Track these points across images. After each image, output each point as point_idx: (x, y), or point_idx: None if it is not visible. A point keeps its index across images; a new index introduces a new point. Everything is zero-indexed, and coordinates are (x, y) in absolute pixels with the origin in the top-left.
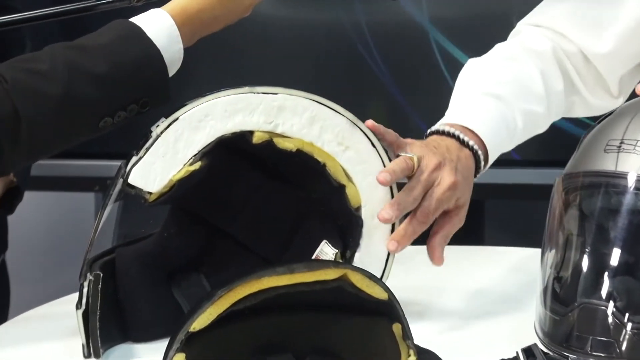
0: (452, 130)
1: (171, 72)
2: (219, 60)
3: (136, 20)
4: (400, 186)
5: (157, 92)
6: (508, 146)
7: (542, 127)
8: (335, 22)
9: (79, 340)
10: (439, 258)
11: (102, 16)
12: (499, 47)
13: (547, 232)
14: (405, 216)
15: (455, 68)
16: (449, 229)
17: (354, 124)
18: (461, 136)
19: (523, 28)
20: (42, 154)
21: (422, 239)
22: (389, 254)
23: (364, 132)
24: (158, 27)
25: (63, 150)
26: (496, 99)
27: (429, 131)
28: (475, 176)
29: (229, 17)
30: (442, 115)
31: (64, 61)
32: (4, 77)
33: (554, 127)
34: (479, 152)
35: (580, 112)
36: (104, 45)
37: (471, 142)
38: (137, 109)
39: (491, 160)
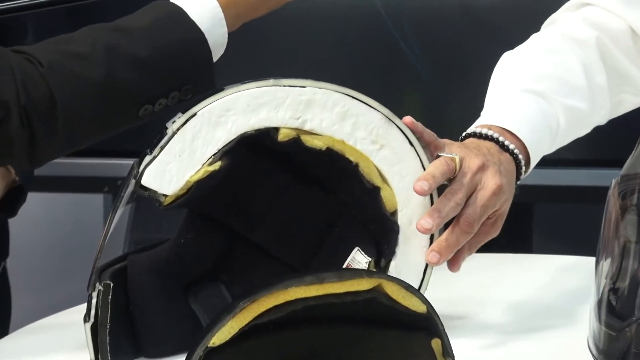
0: (490, 132)
1: (215, 57)
2: (240, 49)
3: (177, 1)
4: (440, 188)
5: (201, 79)
6: (549, 148)
7: (585, 127)
8: (368, 6)
9: (87, 355)
10: (457, 267)
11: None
12: (535, 37)
13: (601, 239)
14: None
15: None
16: (481, 240)
17: (390, 120)
18: (500, 139)
19: (560, 16)
20: (77, 144)
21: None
22: (427, 263)
23: (400, 129)
24: (201, 9)
25: None
26: (536, 95)
27: (464, 134)
28: (515, 183)
29: (275, 0)
30: None
31: (103, 44)
32: (39, 60)
33: (611, 123)
34: (520, 156)
35: (630, 106)
36: (145, 28)
37: (511, 146)
38: (179, 96)
39: (532, 165)
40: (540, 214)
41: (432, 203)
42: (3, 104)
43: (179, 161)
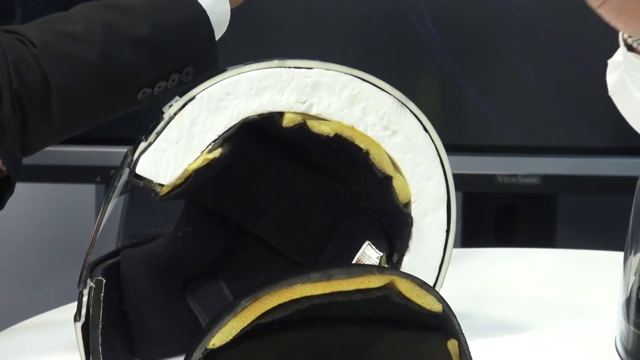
0: None
1: (217, 36)
2: (243, 27)
3: None
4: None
5: (203, 59)
6: None
7: None
8: None
9: (77, 357)
10: None
11: None
12: None
13: (630, 233)
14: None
15: (523, 38)
16: None
17: (403, 104)
18: None
19: None
20: (72, 131)
21: (478, 242)
22: (443, 258)
23: (414, 114)
24: None
25: None
26: None
27: None
28: None
29: None
30: (506, 92)
31: (100, 22)
32: (32, 40)
33: None
34: None
35: None
36: (143, 5)
37: None
38: (180, 78)
39: None
40: (564, 206)
41: (448, 202)
42: None
43: (176, 148)
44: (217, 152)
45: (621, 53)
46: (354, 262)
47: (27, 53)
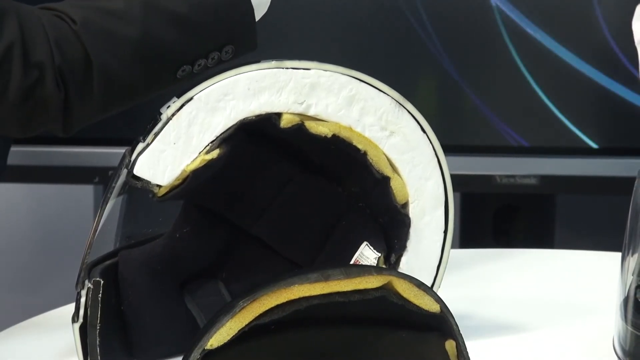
0: None
1: (257, 16)
2: None
3: None
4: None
5: (243, 39)
6: None
7: None
8: None
9: (76, 358)
10: None
11: None
12: None
13: (628, 233)
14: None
15: (522, 39)
16: None
17: (401, 104)
18: None
19: None
20: (112, 108)
21: (476, 243)
22: (440, 259)
23: (412, 115)
24: None
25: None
26: None
27: None
28: None
29: None
30: (504, 93)
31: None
32: (72, 17)
33: (638, 110)
34: None
35: None
36: None
37: None
38: (220, 57)
39: None
40: (563, 207)
41: (446, 203)
42: (37, 64)
43: (174, 149)
44: (215, 153)
45: None
46: (351, 262)
47: (68, 30)
